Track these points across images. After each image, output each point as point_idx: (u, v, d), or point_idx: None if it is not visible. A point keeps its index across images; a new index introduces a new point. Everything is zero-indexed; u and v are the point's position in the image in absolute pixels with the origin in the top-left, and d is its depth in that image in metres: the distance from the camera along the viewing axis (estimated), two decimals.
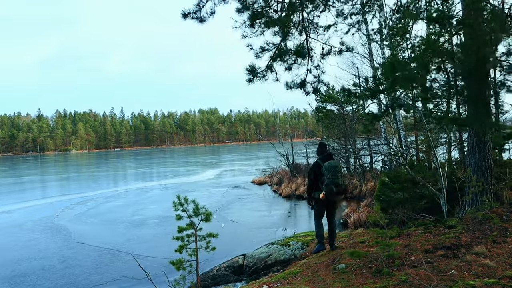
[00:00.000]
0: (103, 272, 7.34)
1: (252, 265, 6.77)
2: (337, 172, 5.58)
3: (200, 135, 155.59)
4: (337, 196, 5.65)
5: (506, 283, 3.54)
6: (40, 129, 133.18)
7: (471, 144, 6.26)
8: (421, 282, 3.78)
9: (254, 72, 5.62)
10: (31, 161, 68.83)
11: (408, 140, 12.79)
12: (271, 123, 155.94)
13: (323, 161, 5.73)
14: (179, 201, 4.64)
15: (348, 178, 15.55)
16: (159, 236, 9.90)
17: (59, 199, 17.42)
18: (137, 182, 24.06)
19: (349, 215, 10.35)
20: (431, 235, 5.35)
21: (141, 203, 15.40)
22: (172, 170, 33.65)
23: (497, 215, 5.60)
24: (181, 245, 4.66)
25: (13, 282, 7.04)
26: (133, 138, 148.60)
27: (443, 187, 6.43)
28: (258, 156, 48.60)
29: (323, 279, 4.55)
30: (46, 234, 10.59)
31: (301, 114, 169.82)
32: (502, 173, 6.90)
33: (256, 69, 5.62)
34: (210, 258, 7.07)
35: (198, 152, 78.31)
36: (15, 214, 13.95)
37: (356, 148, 16.47)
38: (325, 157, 5.80)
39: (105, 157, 72.97)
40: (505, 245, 4.59)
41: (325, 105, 17.31)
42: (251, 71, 5.60)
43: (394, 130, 13.62)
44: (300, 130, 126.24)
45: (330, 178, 5.51)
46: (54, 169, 43.47)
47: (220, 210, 13.09)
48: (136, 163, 47.82)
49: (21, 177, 31.95)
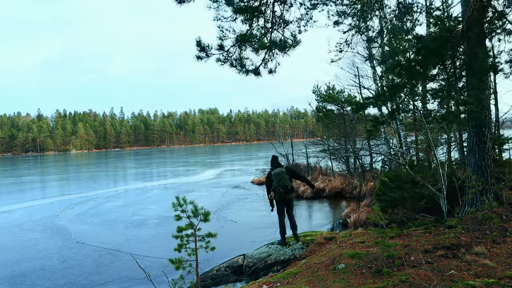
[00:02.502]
0: (103, 272, 7.33)
1: (252, 265, 6.76)
2: (281, 177, 7.00)
3: (200, 135, 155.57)
4: (287, 194, 7.05)
5: (506, 283, 3.54)
6: (40, 129, 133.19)
7: (471, 144, 6.26)
8: (421, 282, 3.78)
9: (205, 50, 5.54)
10: (31, 161, 68.82)
11: (408, 140, 12.79)
12: (271, 123, 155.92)
13: (272, 170, 7.16)
14: (178, 202, 4.64)
15: (348, 178, 15.56)
16: (159, 236, 9.90)
17: (59, 199, 17.41)
18: (137, 182, 24.06)
19: (349, 215, 10.35)
20: (431, 235, 5.35)
21: (141, 203, 15.40)
22: (172, 170, 33.65)
23: (497, 215, 5.59)
24: (180, 244, 4.65)
25: (13, 282, 7.03)
26: (133, 138, 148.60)
27: (443, 187, 6.43)
28: (258, 156, 48.60)
29: (323, 279, 4.54)
30: (46, 234, 10.59)
31: (301, 114, 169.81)
32: (502, 173, 6.90)
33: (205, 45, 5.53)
34: (210, 258, 7.07)
35: (198, 152, 78.32)
36: (15, 214, 13.95)
37: (356, 148, 16.47)
38: (274, 167, 7.24)
39: (105, 157, 72.96)
40: (505, 245, 4.58)
41: (325, 105, 17.32)
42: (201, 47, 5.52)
43: (394, 130, 13.63)
44: (300, 130, 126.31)
45: (276, 182, 7.00)
46: (54, 169, 43.47)
47: (220, 210, 13.09)
48: (136, 163, 47.82)
49: (21, 177, 31.95)
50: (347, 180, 15.45)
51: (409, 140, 12.86)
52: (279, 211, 7.20)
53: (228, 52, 5.70)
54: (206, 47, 5.53)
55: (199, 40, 5.51)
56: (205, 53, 5.57)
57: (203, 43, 5.52)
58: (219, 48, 5.61)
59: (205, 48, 5.53)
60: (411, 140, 12.96)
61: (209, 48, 5.56)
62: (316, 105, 17.73)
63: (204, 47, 5.52)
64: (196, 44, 5.53)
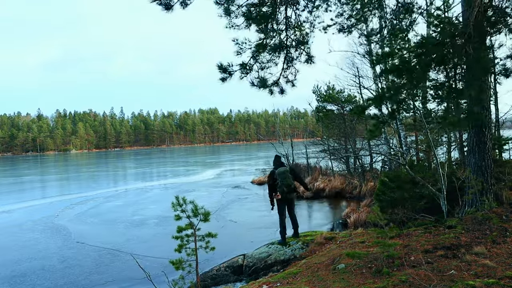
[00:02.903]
0: (103, 272, 7.33)
1: (252, 265, 6.76)
2: (285, 176, 7.09)
3: (200, 135, 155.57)
4: (289, 194, 7.18)
5: (506, 283, 3.54)
6: (40, 129, 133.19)
7: (471, 144, 6.26)
8: (421, 282, 3.78)
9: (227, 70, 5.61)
10: (31, 161, 68.83)
11: (408, 140, 12.78)
12: (271, 123, 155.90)
13: (276, 169, 7.23)
14: (178, 202, 4.64)
15: (348, 178, 15.55)
16: (159, 236, 9.90)
17: (59, 199, 17.41)
18: (137, 182, 24.06)
19: (349, 215, 10.34)
20: (431, 235, 5.35)
21: (141, 203, 15.40)
22: (172, 170, 33.65)
23: (497, 215, 5.59)
24: (180, 245, 4.66)
25: (13, 282, 7.03)
26: (133, 138, 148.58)
27: (443, 187, 6.43)
28: (258, 156, 48.59)
29: (323, 279, 4.55)
30: (46, 234, 10.59)
31: (301, 114, 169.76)
32: (502, 173, 6.90)
33: (229, 67, 5.60)
34: (210, 258, 7.07)
35: (198, 152, 78.32)
36: (15, 214, 13.95)
37: (356, 148, 16.47)
38: (277, 166, 7.32)
39: (105, 157, 72.97)
40: (505, 245, 4.58)
41: (325, 105, 17.32)
42: (223, 69, 5.59)
43: (394, 130, 13.62)
44: (300, 130, 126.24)
45: (280, 181, 7.07)
46: (54, 169, 43.47)
47: (220, 210, 13.09)
48: (136, 163, 47.82)
49: (21, 177, 31.95)
50: (347, 180, 15.45)
51: (409, 140, 12.86)
52: (281, 211, 7.23)
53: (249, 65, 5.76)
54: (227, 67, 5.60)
55: (220, 64, 5.60)
56: (227, 73, 5.65)
57: (224, 65, 5.60)
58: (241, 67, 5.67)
59: (227, 69, 5.61)
60: (411, 140, 12.96)
61: (230, 66, 5.63)
62: (316, 105, 17.73)
63: (226, 68, 5.60)
64: (218, 68, 5.61)
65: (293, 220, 7.42)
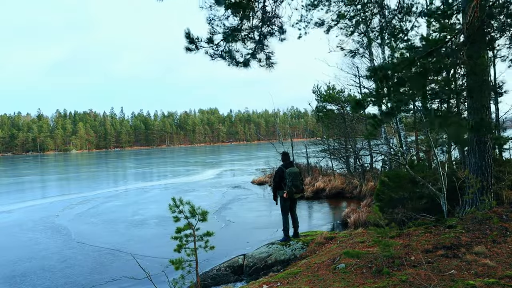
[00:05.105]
0: (103, 272, 7.33)
1: (252, 265, 6.76)
2: (296, 177, 7.15)
3: (200, 135, 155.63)
4: (296, 194, 7.29)
5: (506, 283, 3.54)
6: (40, 129, 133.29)
7: (471, 144, 6.25)
8: (421, 282, 3.78)
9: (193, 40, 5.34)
10: (31, 161, 68.83)
11: (408, 140, 12.78)
12: (271, 123, 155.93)
13: (286, 167, 7.23)
14: (175, 203, 4.64)
15: (348, 178, 15.56)
16: (159, 236, 9.90)
17: (59, 199, 17.41)
18: (137, 182, 24.05)
19: (349, 215, 10.34)
20: (431, 235, 5.35)
21: (141, 203, 15.40)
22: (172, 170, 33.65)
23: (497, 215, 5.60)
24: (179, 245, 4.66)
25: (13, 282, 7.03)
26: (133, 138, 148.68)
27: (443, 187, 6.42)
28: (258, 156, 48.58)
29: (323, 279, 4.55)
30: (46, 234, 10.59)
31: (301, 114, 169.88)
32: (502, 173, 6.90)
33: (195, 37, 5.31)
34: (210, 258, 7.07)
35: (198, 152, 78.32)
36: (15, 214, 13.95)
37: (356, 148, 16.47)
38: (287, 164, 7.30)
39: (105, 157, 72.98)
40: (505, 245, 4.58)
41: (325, 104, 17.31)
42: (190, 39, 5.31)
43: (394, 130, 13.62)
44: (300, 130, 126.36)
45: (290, 181, 7.07)
46: (54, 169, 43.48)
47: (220, 210, 13.09)
48: (136, 163, 47.82)
49: (21, 177, 31.95)
50: (347, 180, 15.45)
51: (409, 140, 12.86)
52: (285, 210, 7.33)
53: (218, 46, 5.55)
54: (195, 40, 5.36)
55: (188, 32, 5.34)
56: (194, 45, 5.42)
57: (192, 35, 5.36)
58: (209, 41, 5.46)
59: (194, 41, 5.38)
60: (411, 140, 12.96)
61: (198, 41, 5.39)
62: (316, 105, 17.73)
63: (193, 39, 5.36)
64: (185, 36, 5.35)
65: (294, 219, 7.48)
